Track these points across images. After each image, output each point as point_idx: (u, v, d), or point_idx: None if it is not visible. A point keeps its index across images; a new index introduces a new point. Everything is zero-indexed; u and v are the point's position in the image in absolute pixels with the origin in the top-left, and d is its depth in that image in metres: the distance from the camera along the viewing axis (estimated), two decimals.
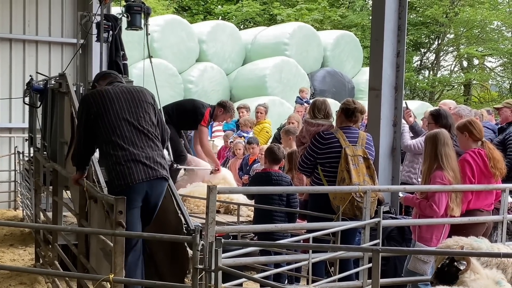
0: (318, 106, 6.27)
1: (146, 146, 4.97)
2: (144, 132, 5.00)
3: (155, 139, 5.07)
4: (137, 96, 5.11)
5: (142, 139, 4.97)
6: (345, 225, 5.33)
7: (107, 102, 5.01)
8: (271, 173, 6.72)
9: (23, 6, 11.89)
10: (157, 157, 5.00)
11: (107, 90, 5.13)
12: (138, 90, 5.21)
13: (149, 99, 5.17)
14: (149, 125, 5.06)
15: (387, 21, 7.40)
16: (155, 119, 5.15)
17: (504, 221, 6.10)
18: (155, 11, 25.90)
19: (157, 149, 5.05)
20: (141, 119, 5.03)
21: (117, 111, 4.99)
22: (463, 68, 30.17)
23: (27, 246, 8.76)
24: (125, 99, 5.06)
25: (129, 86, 5.32)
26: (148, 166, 4.89)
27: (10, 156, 11.89)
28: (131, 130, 4.96)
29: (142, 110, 5.06)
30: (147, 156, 4.92)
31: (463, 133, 6.16)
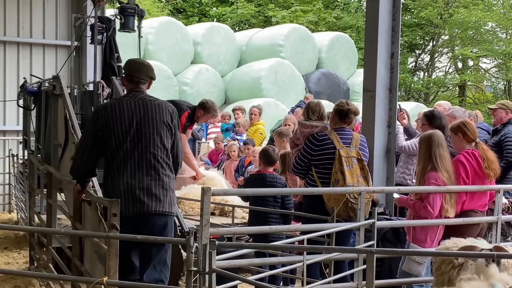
0: (312, 108, 6.28)
1: (145, 175, 4.62)
2: (148, 158, 4.64)
3: (160, 166, 4.68)
4: (151, 113, 4.71)
5: (143, 167, 4.63)
6: (339, 227, 5.33)
7: (116, 119, 4.68)
8: (266, 174, 6.72)
9: (17, 9, 11.87)
10: (156, 187, 4.63)
11: (119, 104, 4.76)
12: (156, 106, 4.77)
13: (165, 117, 4.75)
14: (157, 149, 4.69)
15: (381, 22, 7.41)
16: (169, 141, 4.77)
17: (498, 222, 6.11)
18: (150, 13, 25.89)
19: (158, 178, 4.65)
20: (148, 142, 4.67)
21: (123, 131, 4.66)
22: (458, 69, 30.23)
23: (21, 249, 8.74)
24: (136, 116, 4.68)
25: (148, 99, 4.80)
26: (139, 200, 4.57)
27: (4, 159, 11.86)
28: (133, 156, 4.64)
29: (153, 131, 4.69)
30: (143, 187, 4.59)
31: (457, 134, 6.16)
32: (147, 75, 4.90)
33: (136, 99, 4.78)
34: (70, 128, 6.19)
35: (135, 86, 4.86)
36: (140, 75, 4.86)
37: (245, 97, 16.71)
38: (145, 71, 4.90)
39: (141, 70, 4.88)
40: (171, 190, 4.74)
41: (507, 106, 8.06)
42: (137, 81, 4.86)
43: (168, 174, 4.73)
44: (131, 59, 5.06)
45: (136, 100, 4.77)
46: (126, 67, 4.96)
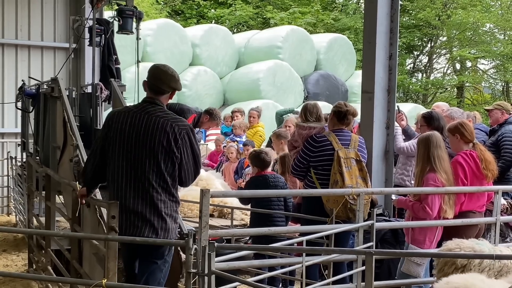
0: (310, 110, 6.28)
1: (139, 198, 4.38)
2: (142, 182, 4.38)
3: (155, 191, 4.38)
4: (151, 135, 4.39)
5: (137, 191, 4.39)
6: (338, 228, 5.34)
7: (117, 132, 4.47)
8: (267, 175, 6.72)
9: (15, 11, 11.88)
10: (150, 214, 4.37)
11: (127, 115, 4.51)
12: (159, 126, 4.40)
13: (165, 140, 4.37)
14: (152, 174, 4.37)
15: (379, 24, 7.42)
16: (168, 165, 4.40)
17: (497, 223, 6.12)
18: (148, 15, 25.89)
19: (153, 205, 4.38)
20: (143, 166, 4.38)
21: (120, 147, 4.46)
22: (456, 70, 30.26)
23: (20, 251, 8.73)
24: (137, 135, 4.42)
25: (155, 116, 4.44)
26: (133, 224, 4.37)
27: (2, 161, 11.85)
28: (126, 175, 4.42)
29: (149, 154, 4.38)
30: (136, 211, 4.38)
31: (455, 135, 6.18)
32: (169, 86, 4.55)
33: (144, 113, 4.47)
34: (68, 130, 6.20)
35: (153, 95, 4.55)
36: (160, 85, 4.53)
37: (243, 99, 16.72)
38: (167, 81, 4.54)
39: (162, 80, 4.53)
40: (168, 215, 4.45)
41: (502, 107, 8.11)
42: (156, 91, 4.54)
43: (163, 200, 4.42)
44: (156, 65, 4.70)
45: (143, 114, 4.46)
46: (149, 73, 4.65)
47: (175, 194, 4.53)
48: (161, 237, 4.42)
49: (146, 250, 4.47)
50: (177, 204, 4.56)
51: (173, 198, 4.50)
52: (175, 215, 4.54)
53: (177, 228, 4.59)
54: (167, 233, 4.45)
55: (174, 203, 4.52)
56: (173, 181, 4.49)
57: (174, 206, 4.52)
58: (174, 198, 4.51)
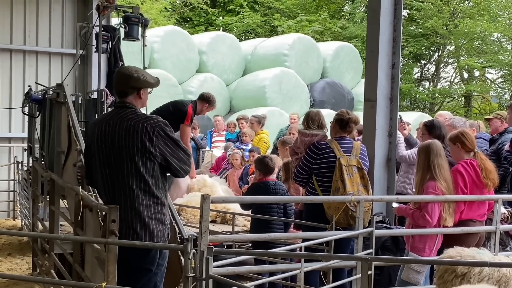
0: (312, 117, 6.35)
1: (122, 204, 4.34)
2: (123, 188, 4.41)
3: (136, 196, 4.38)
4: (125, 140, 4.39)
5: (120, 197, 4.42)
6: (338, 235, 5.38)
7: (95, 141, 4.54)
8: (269, 182, 6.77)
9: (23, 17, 12.02)
10: (133, 220, 4.38)
11: (102, 123, 4.55)
12: (131, 129, 4.39)
13: (139, 142, 4.35)
14: (131, 178, 4.38)
15: (382, 33, 7.46)
16: (146, 165, 4.38)
17: (497, 232, 6.14)
18: (156, 22, 26.06)
19: (135, 211, 4.38)
20: (121, 171, 4.40)
21: (99, 155, 4.51)
22: (463, 79, 30.25)
23: (25, 255, 8.81)
24: (113, 142, 4.43)
25: (126, 120, 4.44)
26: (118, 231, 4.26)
27: (9, 166, 11.96)
28: (107, 181, 4.49)
29: (126, 159, 4.40)
30: (120, 218, 4.27)
31: (456, 144, 6.22)
32: (129, 86, 4.54)
33: (116, 118, 4.49)
34: (73, 136, 6.26)
35: (121, 98, 4.59)
36: (120, 87, 4.59)
37: (249, 106, 16.77)
38: (125, 82, 4.55)
39: (120, 82, 4.59)
40: (152, 219, 4.42)
41: (502, 116, 8.19)
42: (120, 94, 4.60)
43: (145, 204, 4.40)
44: (117, 69, 4.86)
45: (115, 120, 4.48)
46: (113, 79, 4.71)
47: (160, 196, 4.49)
48: (146, 242, 4.40)
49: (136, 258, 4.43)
50: (162, 206, 4.51)
51: (157, 200, 4.47)
52: (161, 217, 4.50)
53: (165, 230, 4.55)
54: (152, 237, 4.43)
55: (159, 205, 4.48)
56: (156, 181, 4.46)
57: (159, 209, 4.48)
58: (158, 200, 4.48)
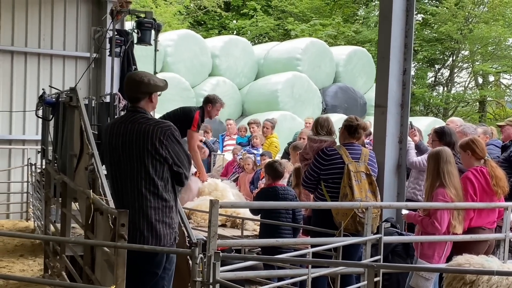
0: (321, 123, 6.38)
1: (130, 207, 4.44)
2: (132, 190, 4.50)
3: (145, 198, 4.46)
4: (136, 143, 4.49)
5: (128, 199, 4.52)
6: (346, 241, 5.40)
7: (107, 145, 4.65)
8: (277, 187, 6.81)
9: (38, 21, 12.15)
10: (140, 222, 4.46)
11: (113, 127, 4.66)
12: (142, 132, 4.48)
13: (150, 145, 4.45)
14: (141, 181, 4.47)
15: (394, 39, 7.48)
16: (156, 168, 4.48)
17: (506, 239, 6.13)
18: (170, 25, 26.20)
19: (142, 213, 4.46)
20: (131, 174, 4.50)
21: (112, 158, 4.61)
22: (478, 84, 30.10)
23: (37, 256, 8.89)
24: (124, 145, 4.53)
25: (138, 123, 4.53)
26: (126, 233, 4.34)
27: (23, 168, 12.08)
28: (118, 184, 4.58)
29: (136, 162, 4.48)
30: (128, 220, 4.36)
31: (466, 151, 6.22)
32: (141, 91, 4.61)
33: (127, 122, 4.58)
34: (85, 140, 6.33)
35: (133, 104, 4.67)
36: (132, 93, 4.66)
37: (262, 110, 16.84)
38: (137, 87, 4.62)
39: (132, 88, 4.66)
40: (159, 221, 4.49)
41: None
42: (131, 99, 4.68)
43: (154, 206, 4.48)
44: (127, 74, 4.92)
45: (127, 123, 4.57)
46: (124, 85, 4.87)
47: (168, 198, 4.54)
48: (152, 244, 4.46)
49: (142, 260, 4.48)
50: (170, 209, 4.56)
51: (165, 203, 4.52)
52: (168, 220, 4.55)
53: (172, 234, 4.60)
54: (159, 239, 4.49)
55: (167, 208, 4.54)
56: (165, 184, 4.53)
57: (166, 212, 4.53)
58: (166, 203, 4.53)
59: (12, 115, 12.06)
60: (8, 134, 12.17)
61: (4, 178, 12.09)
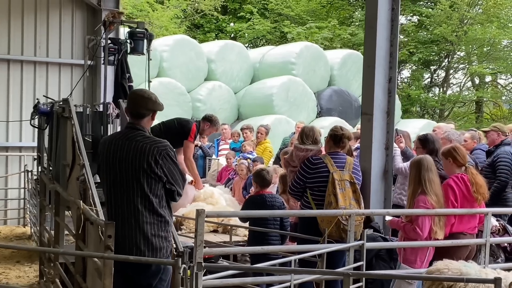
0: (307, 133, 6.55)
1: (126, 223, 4.55)
2: (128, 206, 4.59)
3: (141, 214, 4.56)
4: (132, 161, 4.58)
5: (123, 215, 4.60)
6: (329, 248, 5.57)
7: (104, 161, 4.75)
8: (265, 195, 6.96)
9: (34, 29, 12.32)
10: (136, 237, 4.55)
11: (111, 143, 4.73)
12: (139, 151, 4.57)
13: (145, 164, 4.54)
14: (137, 198, 4.57)
15: (379, 48, 7.63)
16: (152, 187, 4.58)
17: (487, 244, 6.29)
18: (167, 29, 26.36)
19: (139, 228, 4.55)
20: (127, 191, 4.59)
21: (108, 174, 4.72)
22: (474, 85, 30.25)
23: (33, 263, 9.05)
24: (120, 163, 4.62)
25: (135, 141, 4.62)
26: (122, 249, 4.48)
27: (20, 174, 12.25)
28: (113, 199, 4.67)
29: (132, 179, 4.58)
30: (123, 235, 4.54)
31: (448, 158, 6.40)
32: (147, 108, 4.71)
33: (124, 139, 4.68)
34: (77, 150, 6.49)
35: (134, 120, 4.74)
36: (138, 109, 4.72)
37: (257, 114, 17.01)
38: (144, 104, 4.72)
39: (139, 104, 4.73)
40: (155, 236, 4.60)
41: (499, 129, 8.35)
42: (136, 115, 4.73)
43: (149, 221, 4.58)
44: (133, 91, 5.00)
45: (124, 140, 4.67)
46: (128, 100, 4.91)
47: (164, 214, 4.66)
48: (149, 257, 4.57)
49: (136, 273, 4.63)
50: (166, 224, 4.67)
51: (161, 218, 4.64)
52: (165, 234, 4.66)
53: (169, 247, 4.74)
54: (155, 252, 4.60)
55: (163, 223, 4.65)
56: (160, 200, 4.63)
57: (162, 226, 4.64)
58: (162, 219, 4.65)
59: (9, 122, 12.22)
60: (5, 141, 12.35)
61: (1, 184, 12.27)
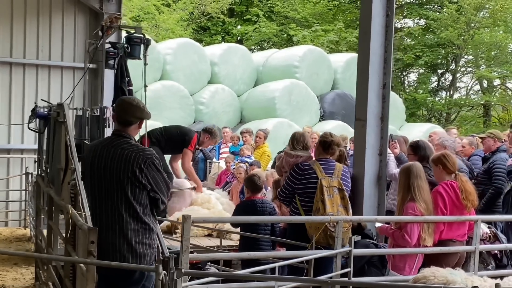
0: (297, 139, 6.58)
1: (110, 229, 4.63)
2: (112, 212, 4.65)
3: (125, 221, 4.61)
4: (117, 169, 4.62)
5: (107, 221, 4.66)
6: (316, 254, 5.59)
7: (88, 166, 4.82)
8: (256, 200, 7.01)
9: (36, 32, 12.38)
10: (120, 244, 4.61)
11: (96, 149, 4.80)
12: (124, 158, 4.61)
13: (130, 172, 4.58)
14: (122, 205, 4.62)
15: (373, 54, 7.67)
16: (136, 194, 4.62)
17: (476, 251, 6.30)
18: (174, 32, 26.48)
19: (123, 235, 4.60)
20: (112, 197, 4.65)
21: (92, 180, 4.78)
22: (483, 89, 30.15)
23: (30, 265, 9.09)
24: (105, 169, 4.67)
25: (121, 148, 4.67)
26: (106, 255, 4.53)
27: (21, 176, 12.32)
28: (98, 206, 4.73)
29: (116, 186, 4.63)
30: (107, 241, 4.58)
31: (437, 165, 6.41)
32: (135, 116, 4.78)
33: (110, 146, 4.72)
34: (69, 155, 6.55)
35: (121, 127, 4.79)
36: (127, 117, 4.77)
37: (260, 117, 17.06)
38: (133, 112, 4.78)
39: (128, 112, 4.78)
40: (139, 243, 4.65)
41: (495, 135, 8.35)
42: (123, 122, 4.78)
43: (134, 228, 4.63)
44: (121, 98, 5.08)
45: (110, 147, 4.71)
46: (116, 107, 4.96)
47: (148, 221, 4.70)
48: (140, 259, 4.63)
49: (120, 279, 4.68)
50: (150, 231, 4.70)
51: (145, 225, 4.68)
52: (149, 241, 4.71)
53: (153, 254, 4.78)
54: (139, 259, 4.64)
55: (147, 231, 4.69)
56: (144, 208, 4.67)
57: (146, 234, 4.69)
58: (146, 226, 4.69)
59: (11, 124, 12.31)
60: (6, 144, 12.42)
61: (3, 186, 12.35)
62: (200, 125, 16.17)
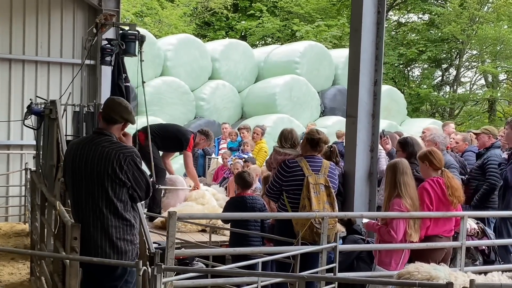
0: (286, 136, 6.63)
1: (91, 226, 4.66)
2: (93, 209, 4.68)
3: (105, 218, 4.66)
4: (97, 166, 4.66)
5: (88, 219, 4.68)
6: (302, 250, 5.65)
7: (69, 164, 4.85)
8: (246, 197, 7.06)
9: (35, 29, 12.50)
10: (102, 240, 4.65)
11: (77, 148, 4.83)
12: (104, 156, 4.67)
13: (110, 169, 4.64)
14: (102, 202, 4.66)
15: (364, 51, 7.73)
16: (116, 191, 4.67)
17: (462, 247, 6.35)
18: (177, 27, 26.52)
19: (104, 232, 4.65)
20: (92, 195, 4.69)
21: (73, 179, 4.81)
22: (487, 84, 30.07)
23: (27, 260, 9.22)
24: (87, 168, 4.71)
25: (101, 146, 4.72)
26: (87, 252, 4.60)
27: (21, 172, 12.45)
28: (79, 203, 4.76)
29: (97, 184, 4.67)
30: (88, 238, 4.64)
31: (424, 162, 6.45)
32: (121, 116, 4.85)
33: (91, 144, 4.77)
34: (60, 151, 6.64)
35: (105, 125, 4.85)
36: (113, 114, 4.83)
37: (260, 113, 17.08)
38: (120, 112, 4.85)
39: (115, 110, 4.85)
40: (121, 239, 4.70)
41: (489, 131, 8.37)
42: (108, 120, 4.84)
43: (114, 225, 4.68)
44: (111, 97, 5.16)
45: (90, 145, 4.76)
46: (104, 104, 5.02)
47: (129, 218, 4.75)
48: (122, 255, 4.69)
49: (102, 275, 4.73)
50: (131, 227, 4.77)
51: (126, 222, 4.73)
52: (130, 237, 4.76)
53: (134, 250, 4.85)
54: (121, 255, 4.69)
55: (128, 227, 4.74)
56: (125, 205, 4.73)
57: (127, 230, 4.74)
58: (127, 222, 4.74)
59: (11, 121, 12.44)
60: (6, 140, 12.56)
61: (3, 182, 12.49)
62: (201, 121, 16.29)
